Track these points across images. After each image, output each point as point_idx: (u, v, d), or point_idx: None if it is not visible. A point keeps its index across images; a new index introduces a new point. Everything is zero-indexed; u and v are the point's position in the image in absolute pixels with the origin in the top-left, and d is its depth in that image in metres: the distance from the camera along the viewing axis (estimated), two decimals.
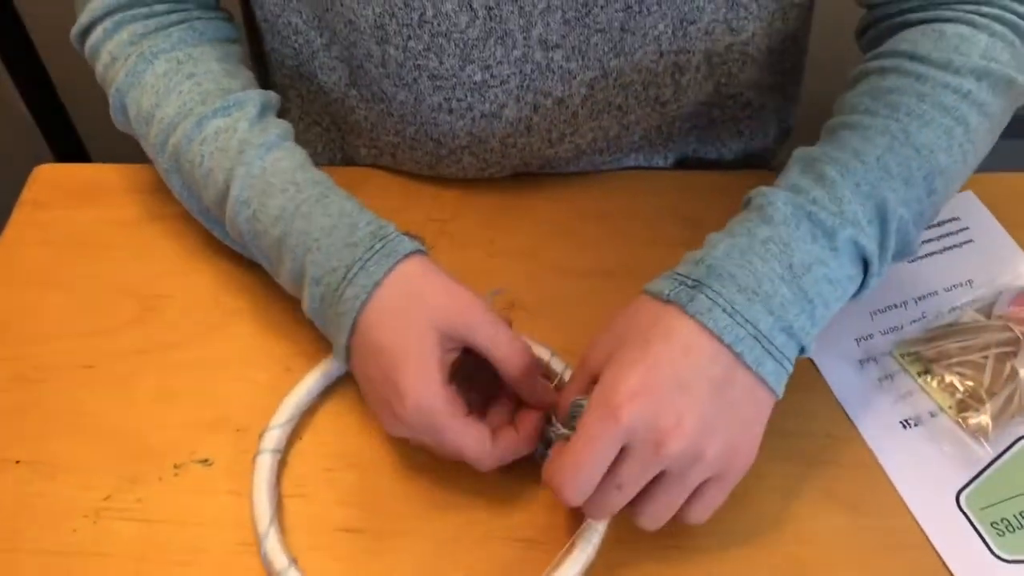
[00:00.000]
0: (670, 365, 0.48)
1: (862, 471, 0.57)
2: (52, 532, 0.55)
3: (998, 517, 0.56)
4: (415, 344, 0.52)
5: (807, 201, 0.52)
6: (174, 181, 0.63)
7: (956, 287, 0.65)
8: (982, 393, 0.59)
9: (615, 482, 0.48)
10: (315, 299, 0.55)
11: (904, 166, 0.54)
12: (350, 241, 0.54)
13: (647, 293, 0.52)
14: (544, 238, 0.69)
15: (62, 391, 0.60)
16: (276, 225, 0.56)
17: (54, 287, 0.65)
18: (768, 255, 0.50)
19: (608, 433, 0.47)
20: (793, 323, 0.50)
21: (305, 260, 0.55)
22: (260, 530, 0.53)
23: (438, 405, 0.51)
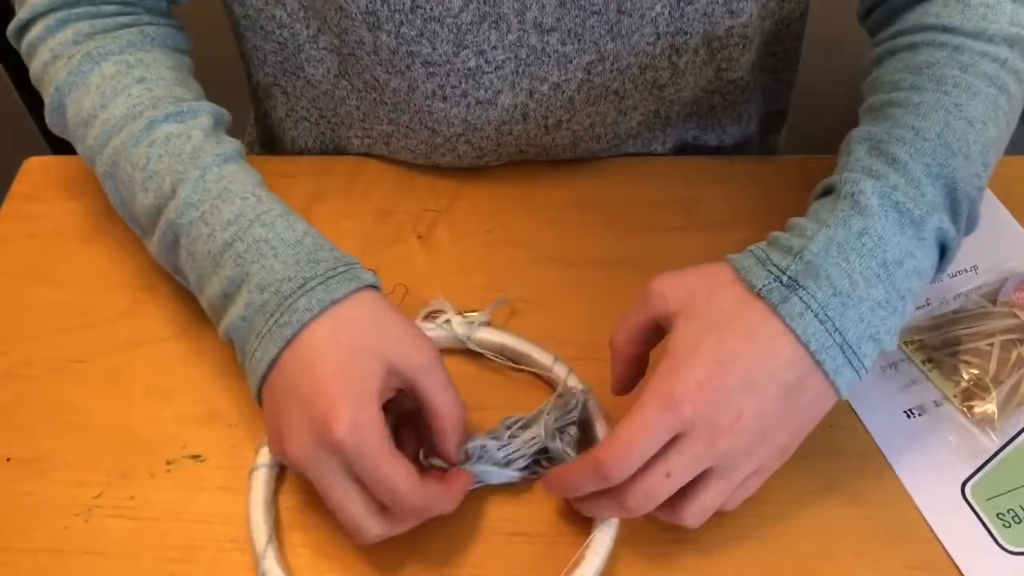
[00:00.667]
0: (744, 366, 0.47)
1: (866, 461, 0.57)
2: (44, 530, 0.54)
3: (1004, 508, 0.55)
4: (361, 367, 0.49)
5: (890, 188, 0.50)
6: (109, 185, 0.59)
7: (961, 273, 0.64)
8: (987, 381, 0.58)
9: (664, 469, 0.47)
10: (252, 306, 0.51)
11: (963, 141, 0.52)
12: (313, 258, 0.52)
13: (737, 272, 0.50)
14: (542, 227, 0.68)
15: (53, 386, 0.59)
16: (227, 229, 0.53)
17: (44, 281, 0.64)
18: (864, 250, 0.49)
19: (665, 422, 0.46)
20: (880, 328, 0.49)
21: (253, 266, 0.52)
22: (258, 549, 0.52)
23: (375, 428, 0.47)
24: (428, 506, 0.49)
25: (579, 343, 0.61)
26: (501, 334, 0.60)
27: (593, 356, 0.60)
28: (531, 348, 0.60)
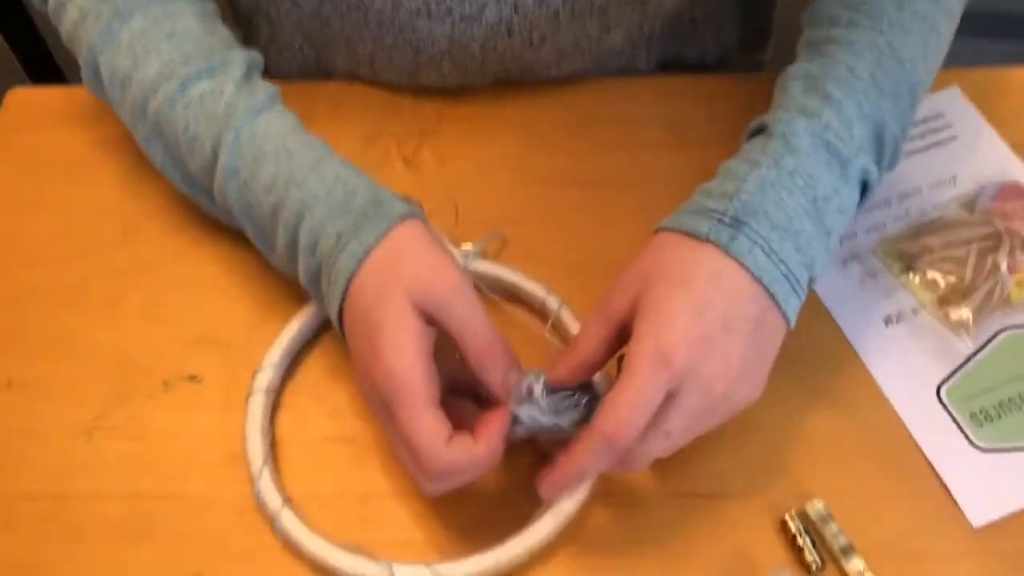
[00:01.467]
0: (719, 309, 0.48)
1: (845, 369, 0.58)
2: (47, 451, 0.55)
3: (977, 408, 0.57)
4: (393, 309, 0.49)
5: (822, 128, 0.52)
6: (155, 149, 0.60)
7: (940, 184, 0.65)
8: (963, 288, 0.60)
9: (664, 429, 0.47)
10: (310, 270, 0.53)
11: (892, 80, 0.54)
12: (346, 208, 0.52)
13: (678, 231, 0.50)
14: (528, 148, 0.68)
15: (49, 313, 0.60)
16: (269, 194, 0.54)
17: (36, 211, 0.65)
18: (795, 188, 0.50)
19: (660, 379, 0.46)
20: (815, 258, 0.50)
21: (299, 229, 0.53)
22: (253, 471, 0.53)
23: (409, 376, 0.47)
24: (450, 473, 0.48)
25: (566, 263, 0.63)
26: (495, 267, 0.60)
27: (581, 276, 0.62)
28: (524, 281, 0.60)
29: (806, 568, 0.51)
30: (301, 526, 0.51)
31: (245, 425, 0.55)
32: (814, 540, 0.52)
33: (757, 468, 0.55)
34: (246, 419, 0.55)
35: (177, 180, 0.60)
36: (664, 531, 0.53)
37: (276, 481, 0.53)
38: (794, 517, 0.52)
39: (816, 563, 0.51)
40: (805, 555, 0.51)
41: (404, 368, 0.48)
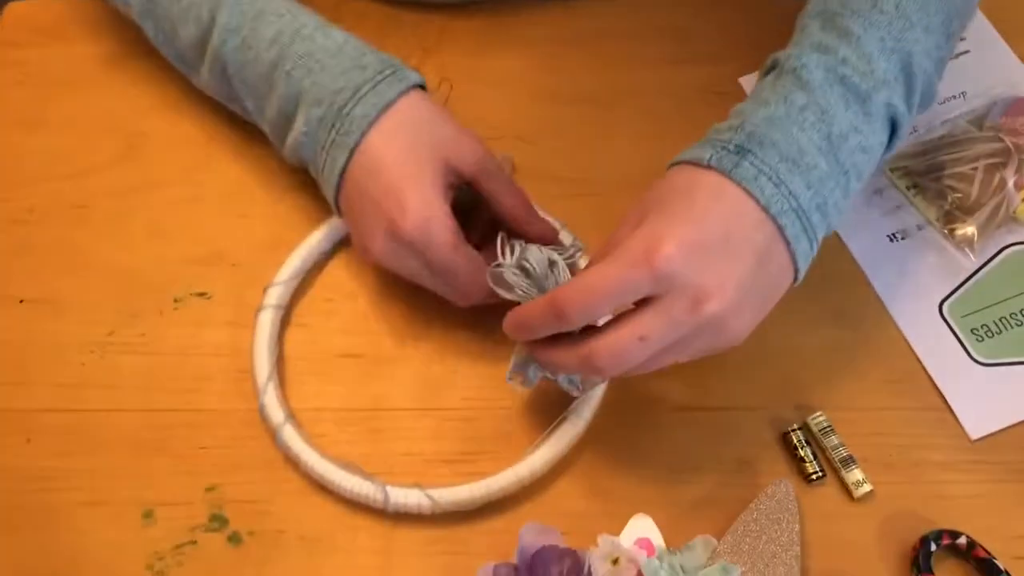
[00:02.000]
0: (721, 222, 0.45)
1: (849, 284, 0.59)
2: (61, 366, 0.56)
3: (978, 324, 0.57)
4: (423, 164, 0.51)
5: (837, 62, 0.48)
6: (147, 23, 0.59)
7: (950, 99, 0.65)
8: (969, 204, 0.60)
9: (638, 332, 0.44)
10: (312, 121, 0.53)
11: (923, 12, 0.50)
12: (359, 63, 0.53)
13: (682, 162, 0.48)
14: (531, 64, 0.67)
15: (56, 231, 0.60)
16: (271, 49, 0.54)
17: (37, 128, 0.64)
18: (806, 124, 0.47)
19: (637, 273, 0.43)
20: (828, 199, 0.47)
21: (304, 82, 0.53)
22: (259, 385, 0.54)
23: (441, 220, 0.50)
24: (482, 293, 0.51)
25: (572, 180, 0.62)
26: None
27: (587, 192, 0.62)
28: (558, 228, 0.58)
29: (807, 479, 0.53)
30: (301, 442, 0.52)
31: (253, 340, 0.55)
32: (815, 452, 0.53)
33: (760, 382, 0.56)
34: (254, 334, 0.55)
35: (170, 56, 0.60)
36: (669, 443, 0.54)
37: (280, 396, 0.54)
38: (796, 430, 0.53)
39: (817, 474, 0.52)
40: (806, 466, 0.53)
41: (437, 214, 0.50)
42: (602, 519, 0.52)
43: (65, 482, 0.53)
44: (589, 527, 0.51)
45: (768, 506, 0.51)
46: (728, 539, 0.50)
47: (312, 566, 0.51)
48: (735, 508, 0.51)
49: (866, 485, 0.52)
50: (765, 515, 0.50)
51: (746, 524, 0.50)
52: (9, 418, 0.55)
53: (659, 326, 0.44)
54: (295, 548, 0.52)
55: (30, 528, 0.52)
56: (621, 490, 0.53)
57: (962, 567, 0.51)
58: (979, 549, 0.50)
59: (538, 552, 0.49)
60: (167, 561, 0.51)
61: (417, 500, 0.51)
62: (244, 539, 0.52)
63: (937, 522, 0.51)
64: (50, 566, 0.51)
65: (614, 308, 0.45)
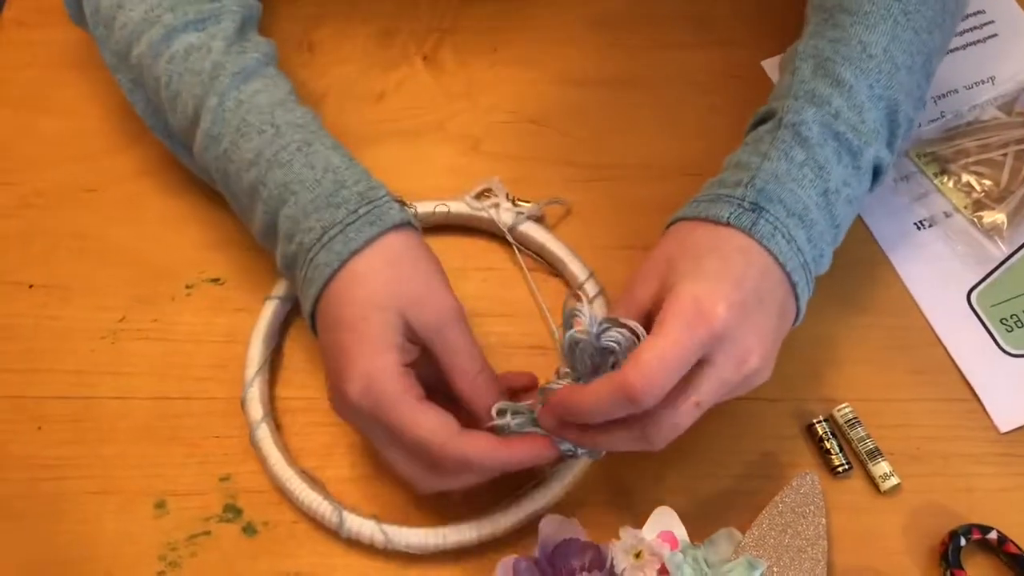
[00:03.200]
0: (752, 279, 0.45)
1: (875, 272, 0.58)
2: (72, 353, 0.55)
3: (1007, 314, 0.56)
4: (375, 324, 0.46)
5: (831, 117, 0.49)
6: (137, 98, 0.56)
7: (978, 84, 0.63)
8: (999, 191, 0.58)
9: (694, 400, 0.43)
10: (286, 257, 0.50)
11: (907, 53, 0.51)
12: (333, 200, 0.48)
13: (698, 218, 0.48)
14: (548, 46, 0.66)
15: (66, 215, 0.59)
16: (250, 170, 0.50)
17: (47, 110, 0.63)
18: (805, 181, 0.48)
19: (697, 338, 0.42)
20: (824, 252, 0.49)
21: (279, 214, 0.49)
22: (247, 377, 0.53)
23: (389, 383, 0.45)
24: (467, 457, 0.45)
25: (588, 164, 0.61)
26: (544, 234, 0.57)
27: (603, 177, 0.61)
28: (569, 258, 0.57)
29: (833, 471, 0.52)
30: (271, 444, 0.51)
31: (252, 331, 0.54)
32: (841, 444, 0.52)
33: (785, 373, 0.54)
34: (255, 324, 0.54)
35: (158, 132, 0.57)
36: (694, 435, 0.52)
37: (265, 392, 0.53)
38: (822, 421, 0.52)
39: (843, 466, 0.51)
40: (832, 459, 0.52)
41: (383, 376, 0.45)
42: (623, 513, 0.51)
43: (76, 471, 0.52)
44: (609, 520, 0.50)
45: (794, 499, 0.50)
46: (753, 533, 0.49)
47: (328, 557, 0.50)
48: (759, 501, 0.50)
49: (893, 478, 0.51)
50: (791, 508, 0.49)
51: (771, 517, 0.49)
52: (20, 405, 0.54)
53: (712, 389, 0.44)
54: (310, 539, 0.51)
55: (41, 517, 0.51)
56: (642, 483, 0.52)
57: (992, 563, 0.50)
58: (1010, 544, 0.49)
59: (559, 545, 0.48)
60: (180, 552, 0.51)
61: (371, 533, 0.49)
62: (259, 530, 0.51)
63: (966, 516, 0.50)
64: (61, 555, 0.50)
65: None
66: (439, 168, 0.61)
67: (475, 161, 0.61)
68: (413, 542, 0.49)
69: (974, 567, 0.49)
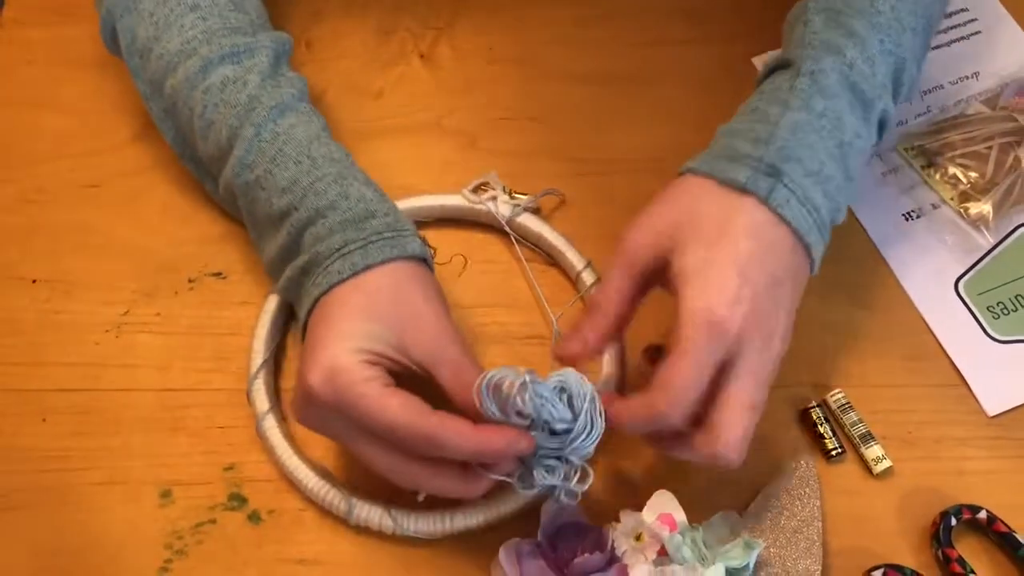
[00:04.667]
0: (765, 264, 0.46)
1: (865, 263, 0.59)
2: (76, 346, 0.56)
3: (994, 301, 0.58)
4: (360, 328, 0.45)
5: (847, 66, 0.49)
6: (167, 127, 0.57)
7: (962, 80, 0.65)
8: (984, 184, 0.60)
9: (748, 405, 0.44)
10: (296, 269, 0.50)
11: (912, 14, 0.52)
12: (361, 225, 0.49)
13: (711, 177, 0.48)
14: (544, 43, 0.67)
15: (68, 210, 0.60)
16: (283, 196, 0.50)
17: (48, 107, 0.63)
18: (823, 132, 0.48)
19: (716, 350, 0.44)
20: (840, 203, 0.49)
21: (306, 232, 0.50)
22: (251, 370, 0.53)
23: (353, 371, 0.44)
24: (438, 435, 0.43)
25: (585, 159, 0.62)
26: (541, 224, 0.58)
27: (600, 172, 0.62)
28: (566, 247, 0.58)
29: (827, 455, 0.53)
30: (279, 435, 0.52)
31: (256, 323, 0.55)
32: (834, 429, 0.53)
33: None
34: (258, 317, 0.55)
35: (185, 159, 0.58)
36: None
37: (269, 384, 0.54)
38: (815, 407, 0.54)
39: (837, 450, 0.53)
40: (826, 443, 0.53)
41: (345, 366, 0.44)
42: (621, 497, 0.52)
43: (82, 462, 0.53)
44: (608, 505, 0.51)
45: (789, 482, 0.51)
46: (750, 515, 0.50)
47: (333, 544, 0.51)
48: (754, 485, 0.52)
49: (885, 461, 0.52)
50: (786, 491, 0.51)
51: (767, 500, 0.50)
52: (24, 398, 0.54)
53: (756, 387, 0.45)
54: (316, 527, 0.51)
55: (47, 508, 0.52)
56: (639, 468, 0.53)
57: (982, 542, 0.51)
58: (999, 524, 0.50)
59: (561, 528, 0.49)
60: (186, 540, 0.51)
61: (379, 519, 0.50)
62: (264, 518, 0.52)
63: (956, 498, 0.52)
64: (68, 545, 0.51)
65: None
66: (437, 164, 0.62)
67: (472, 157, 0.62)
68: (422, 528, 0.50)
69: (964, 546, 0.50)
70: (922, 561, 0.50)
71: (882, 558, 0.50)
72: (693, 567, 0.47)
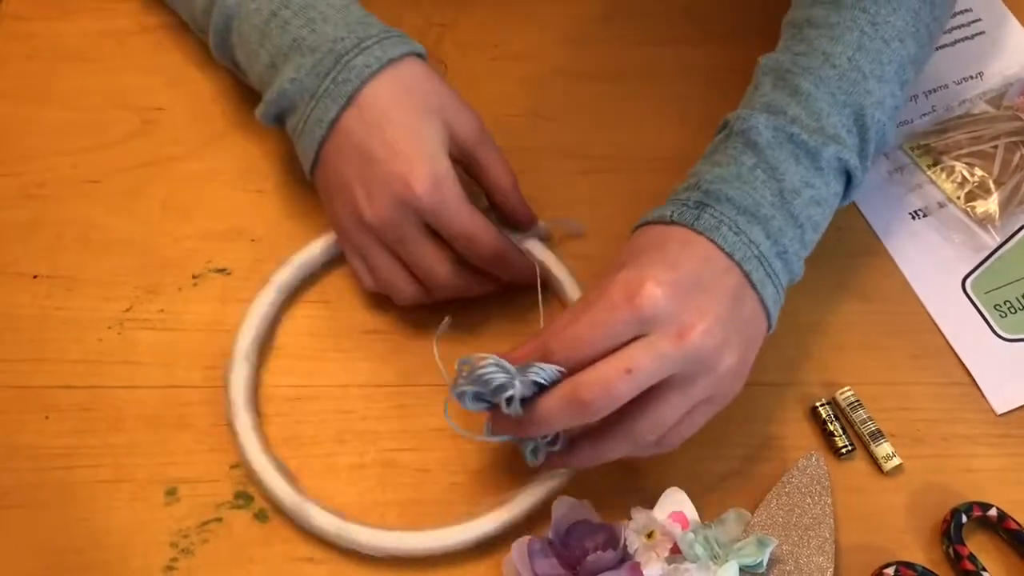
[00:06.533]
0: (693, 265, 0.45)
1: (872, 261, 0.59)
2: (78, 343, 0.55)
3: (1001, 300, 0.58)
4: (430, 128, 0.50)
5: (787, 121, 0.49)
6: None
7: (967, 79, 0.65)
8: (990, 183, 0.60)
9: (624, 365, 0.43)
10: (302, 68, 0.50)
11: (876, 63, 0.51)
12: (364, 21, 0.51)
13: (646, 222, 0.49)
14: (549, 41, 0.67)
15: (70, 206, 0.59)
16: (271, 0, 0.52)
17: (48, 102, 0.63)
18: (757, 183, 0.48)
19: (620, 311, 0.43)
20: (788, 248, 0.48)
21: (302, 31, 0.51)
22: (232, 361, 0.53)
23: (453, 183, 0.49)
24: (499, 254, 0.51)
25: (589, 157, 0.62)
26: (548, 255, 0.57)
27: (605, 169, 0.62)
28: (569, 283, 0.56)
29: (836, 453, 0.53)
30: (250, 430, 0.51)
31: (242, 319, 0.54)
32: (844, 426, 0.53)
33: (786, 358, 0.56)
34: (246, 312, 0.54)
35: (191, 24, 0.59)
36: None
37: (251, 379, 0.53)
38: (825, 405, 0.53)
39: (847, 448, 0.52)
40: (836, 440, 0.53)
41: (447, 177, 0.49)
42: (632, 495, 0.51)
43: (85, 460, 0.52)
44: (618, 503, 0.50)
45: (800, 480, 0.51)
46: (761, 513, 0.50)
47: None
48: (764, 483, 0.51)
49: (895, 459, 0.52)
50: (797, 489, 0.50)
51: (778, 498, 0.50)
52: (26, 395, 0.54)
53: (646, 359, 0.43)
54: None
55: (51, 506, 0.51)
56: (649, 466, 0.53)
57: (992, 539, 0.51)
58: (1010, 521, 0.50)
59: (573, 526, 0.48)
60: (192, 539, 0.50)
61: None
62: (271, 516, 0.51)
63: (966, 495, 0.52)
64: (72, 544, 0.50)
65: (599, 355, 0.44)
66: None
67: None
68: (380, 545, 0.49)
69: (975, 543, 0.51)
70: (933, 558, 0.50)
71: (893, 555, 0.50)
72: (706, 565, 0.47)
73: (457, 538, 0.49)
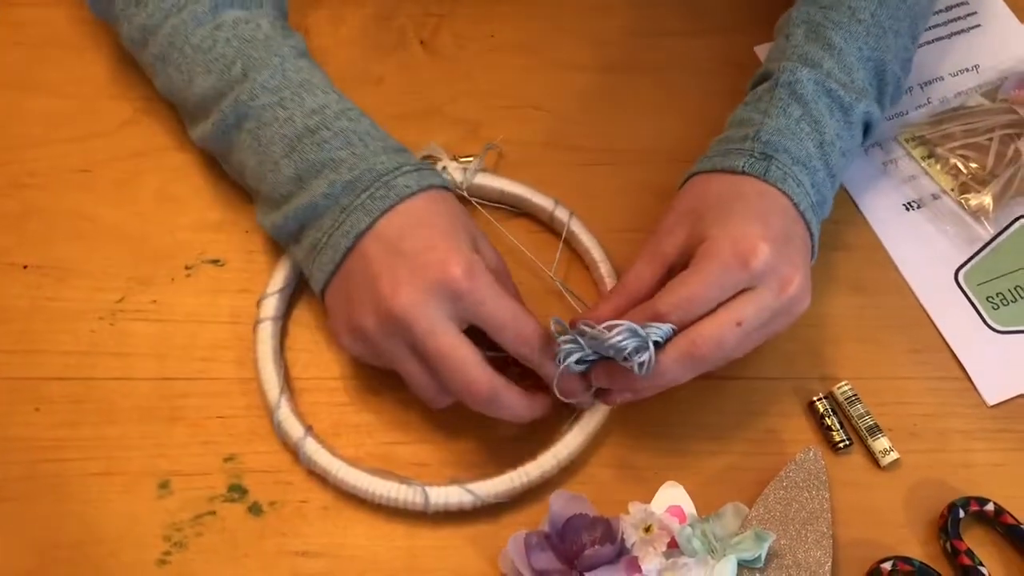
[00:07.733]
0: (779, 219, 0.49)
1: (866, 253, 0.59)
2: (70, 334, 0.54)
3: (994, 292, 0.58)
4: (463, 232, 0.50)
5: (824, 75, 0.53)
6: (158, 67, 0.55)
7: (962, 72, 0.65)
8: (985, 175, 0.60)
9: (735, 318, 0.46)
10: (337, 184, 0.50)
11: (894, 18, 0.55)
12: (402, 150, 0.53)
13: (714, 171, 0.52)
14: (545, 31, 0.66)
15: (61, 196, 0.58)
16: (310, 117, 0.51)
17: (38, 90, 0.62)
18: (803, 133, 0.52)
19: (733, 276, 0.47)
20: (826, 198, 0.53)
21: (340, 152, 0.51)
22: (271, 400, 0.52)
23: (486, 273, 0.48)
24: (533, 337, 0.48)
25: (587, 148, 0.62)
26: (499, 180, 0.59)
27: (603, 161, 0.62)
28: (531, 193, 0.58)
29: (834, 447, 0.53)
30: (326, 453, 0.50)
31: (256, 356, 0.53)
32: (841, 421, 0.53)
33: (783, 352, 0.55)
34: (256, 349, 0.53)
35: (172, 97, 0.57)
36: (697, 414, 0.54)
37: (294, 410, 0.52)
38: (822, 399, 0.53)
39: (844, 442, 0.52)
40: (833, 435, 0.53)
41: (481, 267, 0.48)
42: (629, 489, 0.51)
43: (77, 452, 0.51)
44: (616, 497, 0.50)
45: (798, 474, 0.51)
46: (759, 507, 0.50)
47: (335, 536, 0.50)
48: (762, 477, 0.51)
49: (892, 453, 0.52)
50: (795, 483, 0.50)
51: (776, 492, 0.50)
52: (17, 387, 0.53)
53: (753, 311, 0.47)
54: (319, 518, 0.51)
55: (42, 498, 0.50)
56: (647, 460, 0.53)
57: (990, 534, 0.51)
58: (1007, 516, 0.50)
59: (570, 520, 0.48)
60: (185, 532, 0.50)
61: (458, 498, 0.49)
62: (265, 510, 0.51)
63: (963, 489, 0.52)
64: (65, 537, 0.50)
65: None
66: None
67: (474, 146, 0.61)
68: (504, 489, 0.50)
69: (972, 538, 0.51)
70: (930, 553, 0.50)
71: (890, 550, 0.50)
72: (704, 559, 0.47)
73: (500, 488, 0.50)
